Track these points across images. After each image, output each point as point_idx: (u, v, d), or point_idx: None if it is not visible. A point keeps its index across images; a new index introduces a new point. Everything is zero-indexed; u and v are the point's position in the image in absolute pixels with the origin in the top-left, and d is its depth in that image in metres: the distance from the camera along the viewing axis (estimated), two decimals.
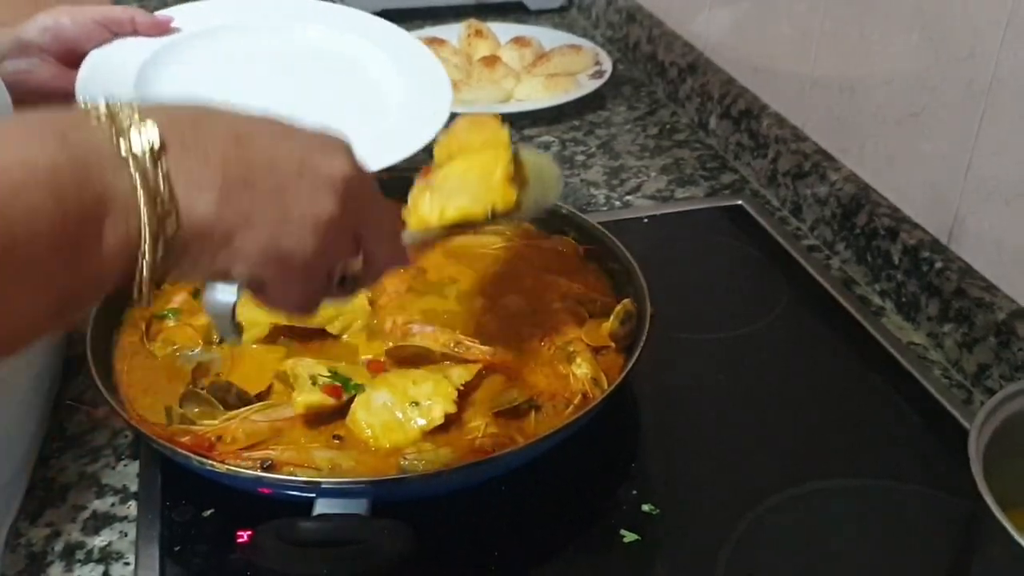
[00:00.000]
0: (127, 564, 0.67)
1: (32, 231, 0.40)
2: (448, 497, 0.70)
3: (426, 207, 0.79)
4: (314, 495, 0.64)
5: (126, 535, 0.69)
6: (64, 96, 0.92)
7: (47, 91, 0.94)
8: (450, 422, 0.72)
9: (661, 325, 0.80)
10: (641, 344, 0.76)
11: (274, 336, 0.80)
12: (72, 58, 0.95)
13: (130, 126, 0.44)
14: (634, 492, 0.72)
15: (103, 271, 0.44)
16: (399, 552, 0.60)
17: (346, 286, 0.58)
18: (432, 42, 1.43)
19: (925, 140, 0.90)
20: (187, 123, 0.47)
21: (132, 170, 0.44)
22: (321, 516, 0.63)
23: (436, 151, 0.88)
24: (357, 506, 0.64)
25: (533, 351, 0.80)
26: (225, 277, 0.50)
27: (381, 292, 0.86)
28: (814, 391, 0.84)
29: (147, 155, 0.44)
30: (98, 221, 0.43)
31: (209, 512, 0.70)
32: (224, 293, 0.53)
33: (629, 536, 0.69)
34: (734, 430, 0.80)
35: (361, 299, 0.83)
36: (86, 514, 0.71)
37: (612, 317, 0.81)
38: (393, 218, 0.61)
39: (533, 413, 0.74)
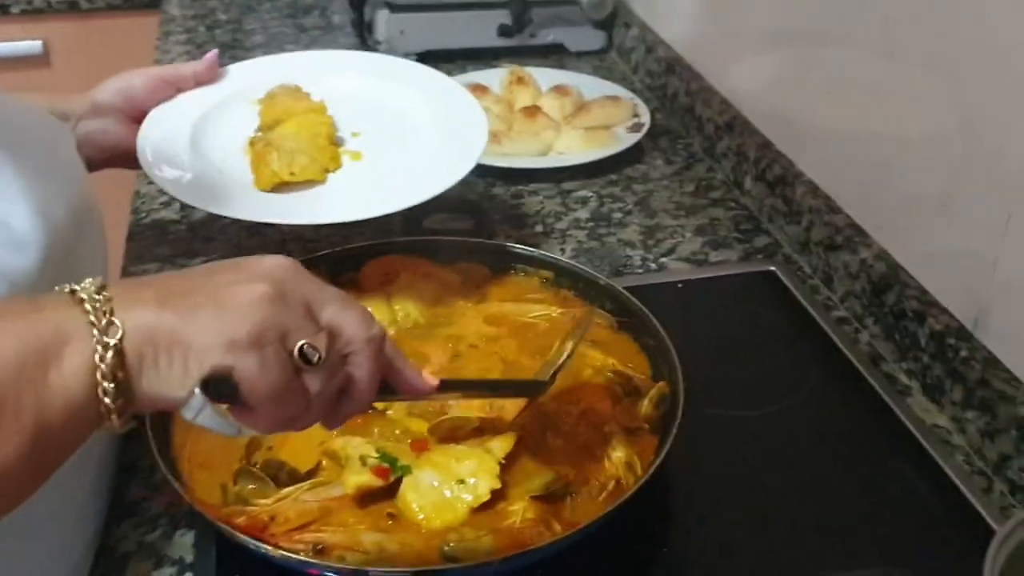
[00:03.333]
0: None
1: (2, 369, 0.47)
2: None
3: (275, 164, 0.95)
4: None
5: None
6: (133, 155, 0.97)
7: (120, 151, 1.00)
8: (493, 497, 0.76)
9: (692, 401, 0.83)
10: (673, 433, 0.79)
11: None
12: (142, 116, 1.00)
13: (82, 286, 0.52)
14: None
15: (69, 393, 0.49)
16: None
17: (326, 364, 0.56)
18: (475, 89, 1.46)
19: (954, 228, 0.93)
20: (131, 280, 0.55)
21: (83, 305, 0.51)
22: None
23: (262, 114, 1.04)
24: None
25: (568, 429, 0.84)
26: (190, 385, 0.52)
27: (425, 363, 0.90)
28: (841, 474, 0.87)
29: (92, 290, 0.51)
30: (57, 350, 0.49)
31: None
32: (195, 400, 0.53)
33: None
34: (762, 516, 0.83)
35: None
36: None
37: (647, 400, 0.84)
38: (339, 291, 0.60)
39: (569, 499, 0.78)
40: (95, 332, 0.50)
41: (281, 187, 0.97)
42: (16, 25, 1.96)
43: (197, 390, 0.52)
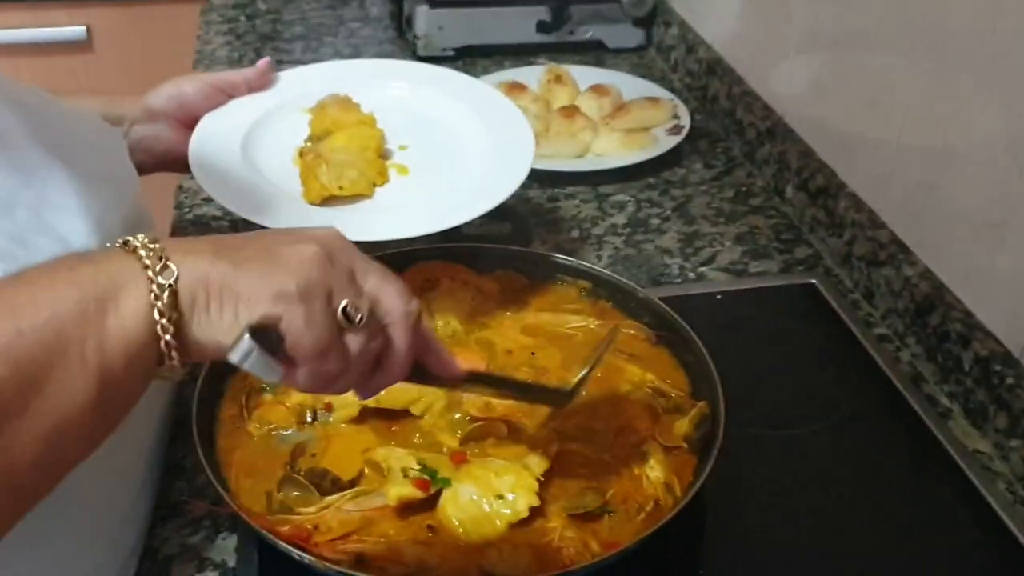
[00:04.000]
0: None
1: (65, 317, 0.50)
2: None
3: (324, 178, 0.96)
4: None
5: None
6: (185, 160, 0.98)
7: (172, 156, 1.00)
8: (531, 513, 0.76)
9: (730, 419, 0.83)
10: (714, 456, 0.79)
11: (363, 417, 0.85)
12: (194, 122, 1.01)
13: (136, 238, 0.55)
14: None
15: (128, 334, 0.52)
16: None
17: (366, 326, 0.58)
18: (512, 88, 1.46)
19: (1003, 253, 0.92)
20: (183, 238, 0.58)
21: (135, 254, 0.54)
22: None
23: (311, 125, 1.05)
24: None
25: (606, 445, 0.84)
26: (238, 331, 0.54)
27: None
28: (879, 498, 0.87)
29: (147, 240, 0.54)
30: (114, 294, 0.52)
31: None
32: (243, 343, 0.54)
33: None
34: (798, 540, 0.83)
35: None
36: None
37: (688, 420, 0.84)
38: (382, 265, 0.62)
39: (607, 517, 0.78)
40: (150, 274, 0.52)
41: (329, 200, 0.97)
42: (61, 11, 1.98)
43: (246, 334, 0.54)
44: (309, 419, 0.85)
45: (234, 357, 0.54)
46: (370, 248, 1.05)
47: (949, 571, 0.80)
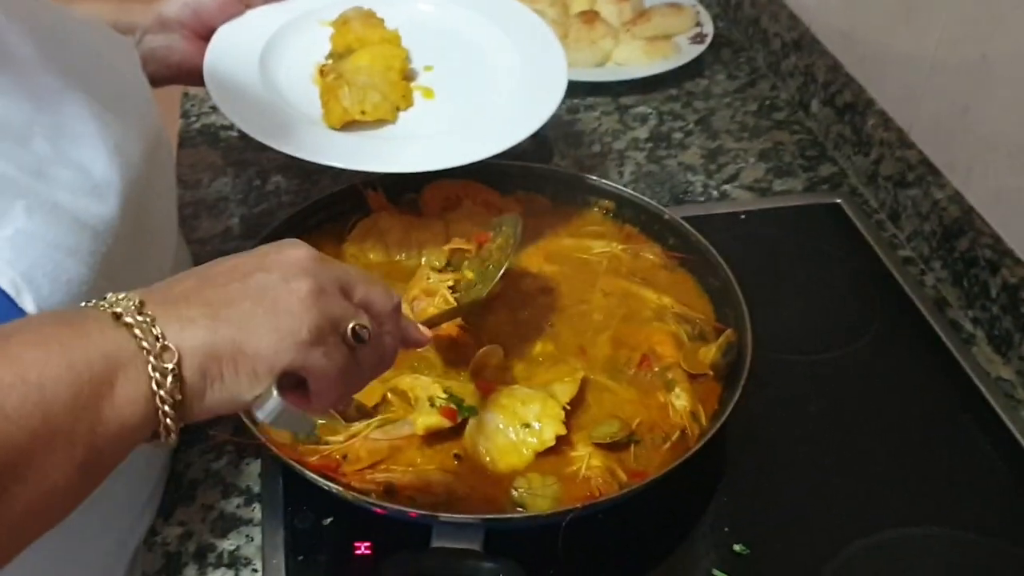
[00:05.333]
0: (255, 572, 0.73)
1: (55, 403, 0.46)
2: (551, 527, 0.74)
3: (346, 100, 0.92)
4: (432, 525, 0.69)
5: (252, 540, 0.75)
6: (200, 72, 0.94)
7: (186, 68, 0.96)
8: (558, 441, 0.76)
9: (754, 345, 0.82)
10: (741, 386, 0.79)
11: None
12: (209, 33, 0.97)
13: (116, 300, 0.51)
14: (726, 529, 0.77)
15: (123, 421, 0.48)
16: None
17: (372, 342, 0.58)
18: None
19: None
20: (160, 287, 0.54)
21: (128, 328, 0.49)
22: (439, 551, 0.68)
23: (333, 41, 1.00)
24: (472, 538, 0.69)
25: (632, 374, 0.84)
26: (261, 388, 0.53)
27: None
28: (901, 425, 0.87)
29: (133, 308, 0.50)
30: (110, 380, 0.48)
31: (329, 520, 0.76)
32: (271, 401, 0.53)
33: None
34: (823, 464, 0.83)
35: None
36: (214, 515, 0.77)
37: (715, 348, 0.84)
38: (358, 268, 0.63)
39: (633, 447, 0.78)
40: (151, 359, 0.49)
41: (350, 125, 0.93)
42: None
43: (275, 392, 0.52)
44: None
45: (262, 415, 0.53)
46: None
47: (970, 497, 0.80)
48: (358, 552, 0.74)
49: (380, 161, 0.91)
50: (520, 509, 0.73)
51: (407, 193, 1.01)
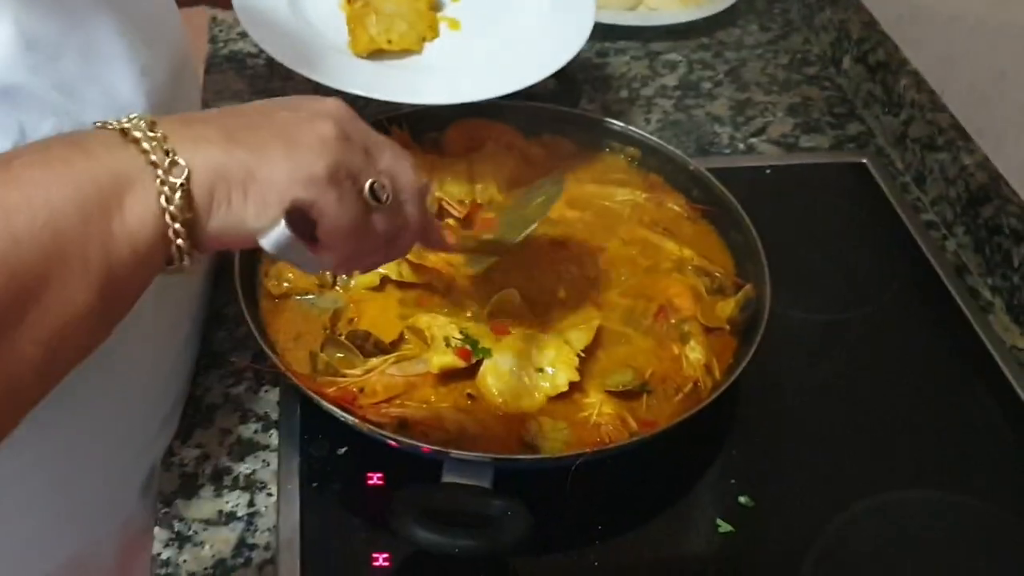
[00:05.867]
0: (270, 496, 0.75)
1: (64, 222, 0.45)
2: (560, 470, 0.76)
3: (373, 29, 0.92)
4: (443, 461, 0.71)
5: (268, 465, 0.77)
6: None
7: None
8: (570, 387, 0.77)
9: (772, 301, 0.83)
10: (757, 341, 0.79)
11: (381, 287, 0.85)
12: None
13: (132, 123, 0.49)
14: (732, 481, 0.78)
15: (135, 240, 0.48)
16: (519, 536, 0.66)
17: (390, 204, 0.57)
18: None
19: None
20: (180, 116, 0.52)
21: (136, 144, 0.48)
22: (449, 485, 0.69)
23: None
24: (481, 476, 0.70)
25: (647, 324, 0.84)
26: (268, 219, 0.51)
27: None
28: (915, 388, 0.87)
29: (145, 128, 0.49)
30: (118, 195, 0.47)
31: (343, 450, 0.77)
32: (277, 231, 0.51)
33: (724, 527, 0.74)
34: (832, 424, 0.84)
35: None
36: (231, 439, 0.78)
37: (733, 303, 0.84)
38: (390, 139, 0.61)
39: (645, 396, 0.79)
40: (159, 173, 0.48)
41: (375, 54, 0.93)
42: None
43: (282, 221, 0.51)
44: (331, 282, 0.84)
45: (267, 244, 0.51)
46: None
47: (977, 464, 0.81)
48: (370, 482, 0.75)
49: (405, 92, 0.91)
50: (531, 451, 0.74)
51: (430, 132, 1.01)
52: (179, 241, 0.49)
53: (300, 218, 0.52)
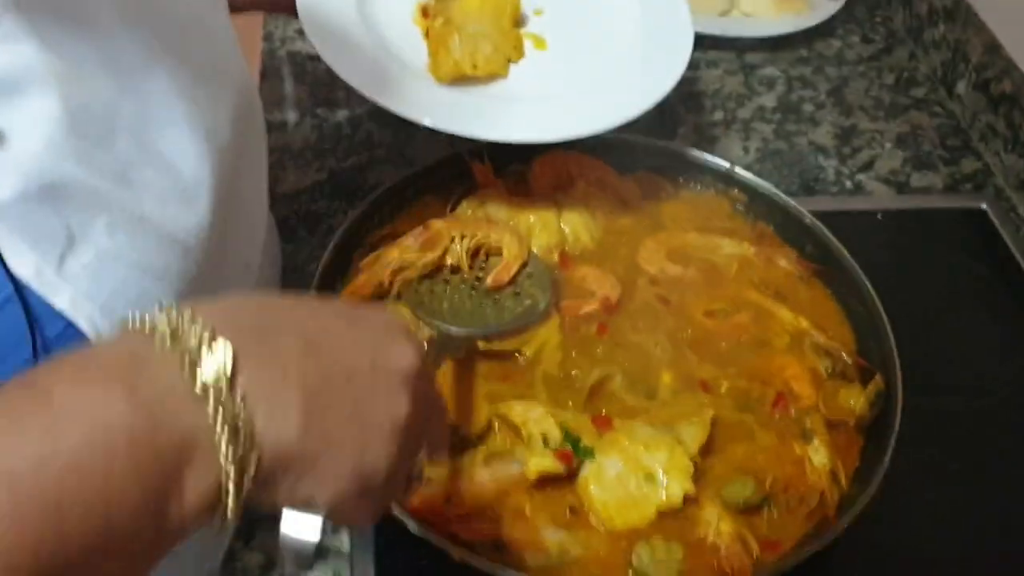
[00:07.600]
0: None
1: (118, 509, 0.36)
2: None
3: (457, 52, 0.83)
4: None
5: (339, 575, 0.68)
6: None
7: None
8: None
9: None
10: (892, 446, 0.70)
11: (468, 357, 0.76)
12: None
13: (199, 346, 0.39)
14: None
15: (185, 520, 0.38)
16: None
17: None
18: None
19: None
20: (255, 332, 0.41)
21: (210, 406, 0.38)
22: None
23: None
24: None
25: (764, 416, 0.75)
26: (306, 504, 0.43)
27: (590, 298, 0.80)
28: None
29: (223, 380, 0.38)
30: (179, 473, 0.37)
31: (424, 563, 0.67)
32: (306, 528, 0.45)
33: None
34: (977, 546, 0.74)
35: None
36: None
37: (863, 399, 0.74)
38: (444, 406, 0.55)
39: (766, 510, 0.70)
40: (228, 454, 0.38)
41: (459, 80, 0.82)
42: None
43: (310, 521, 0.45)
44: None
45: (283, 540, 0.45)
46: None
47: None
48: None
49: (492, 127, 0.81)
50: None
51: (513, 164, 0.90)
52: (229, 515, 0.39)
53: None
